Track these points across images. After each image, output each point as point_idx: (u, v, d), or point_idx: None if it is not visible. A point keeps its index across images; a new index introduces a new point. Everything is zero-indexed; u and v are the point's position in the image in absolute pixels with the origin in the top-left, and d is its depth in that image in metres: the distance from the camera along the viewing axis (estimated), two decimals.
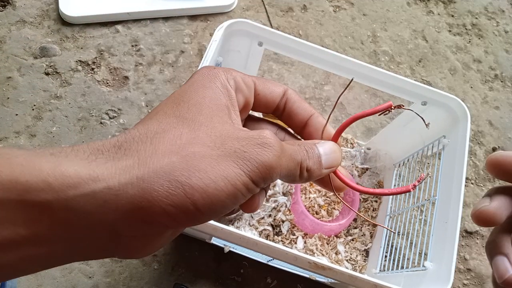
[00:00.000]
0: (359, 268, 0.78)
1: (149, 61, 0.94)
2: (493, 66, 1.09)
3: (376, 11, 1.11)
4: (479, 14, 1.16)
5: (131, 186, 0.18)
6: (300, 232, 0.78)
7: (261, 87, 0.26)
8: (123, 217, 0.18)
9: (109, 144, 0.20)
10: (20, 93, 0.87)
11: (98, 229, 0.19)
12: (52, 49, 0.92)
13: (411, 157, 0.77)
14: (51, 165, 0.18)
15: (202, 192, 0.19)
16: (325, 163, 0.25)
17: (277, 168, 0.21)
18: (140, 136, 0.20)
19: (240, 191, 0.20)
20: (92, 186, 0.18)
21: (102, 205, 0.18)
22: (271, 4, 1.07)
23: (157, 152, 0.20)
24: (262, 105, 0.27)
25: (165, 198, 0.18)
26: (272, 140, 0.22)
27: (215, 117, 0.22)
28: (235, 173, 0.20)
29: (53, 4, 0.96)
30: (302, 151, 0.24)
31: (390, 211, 0.78)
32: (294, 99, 0.27)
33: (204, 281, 0.77)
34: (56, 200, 0.18)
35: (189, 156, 0.20)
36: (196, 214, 0.19)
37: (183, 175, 0.19)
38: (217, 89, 0.23)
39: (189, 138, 0.20)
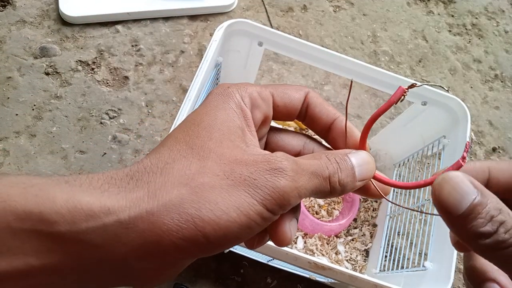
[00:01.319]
0: (359, 268, 0.78)
1: (149, 61, 0.94)
2: (493, 66, 1.09)
3: (376, 11, 1.11)
4: (479, 14, 1.16)
5: (141, 220, 0.18)
6: (300, 232, 0.78)
7: (279, 98, 0.25)
8: (134, 251, 0.18)
9: (122, 173, 0.20)
10: (20, 93, 0.87)
11: (109, 262, 0.19)
12: (52, 49, 0.92)
13: (411, 157, 0.77)
14: (65, 196, 0.18)
15: (213, 224, 0.18)
16: (359, 175, 0.23)
17: (293, 192, 0.20)
18: (152, 167, 0.20)
19: (254, 221, 0.19)
20: (104, 219, 0.18)
21: (113, 239, 0.18)
22: (271, 4, 1.07)
23: (166, 184, 0.19)
24: (283, 115, 0.26)
25: (175, 232, 0.18)
26: (284, 163, 0.20)
27: (225, 141, 0.21)
28: (248, 203, 0.19)
29: (53, 4, 0.96)
30: (332, 164, 0.22)
31: (390, 211, 0.78)
32: (316, 103, 0.26)
33: (204, 281, 0.77)
34: (68, 232, 0.18)
35: (198, 187, 0.19)
36: (208, 247, 0.19)
37: (193, 207, 0.18)
38: (230, 110, 0.23)
39: (198, 168, 0.20)
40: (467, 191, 0.20)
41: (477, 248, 0.21)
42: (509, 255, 0.20)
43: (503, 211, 0.20)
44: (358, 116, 0.96)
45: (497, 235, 0.20)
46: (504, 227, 0.20)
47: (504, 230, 0.20)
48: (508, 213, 0.20)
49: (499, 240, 0.20)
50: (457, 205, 0.20)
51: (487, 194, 0.21)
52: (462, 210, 0.20)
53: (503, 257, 0.20)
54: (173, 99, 0.91)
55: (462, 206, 0.20)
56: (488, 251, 0.20)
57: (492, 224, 0.20)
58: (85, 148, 0.84)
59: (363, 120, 0.96)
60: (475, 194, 0.20)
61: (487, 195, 0.21)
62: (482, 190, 0.21)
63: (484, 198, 0.20)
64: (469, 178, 0.21)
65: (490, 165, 0.24)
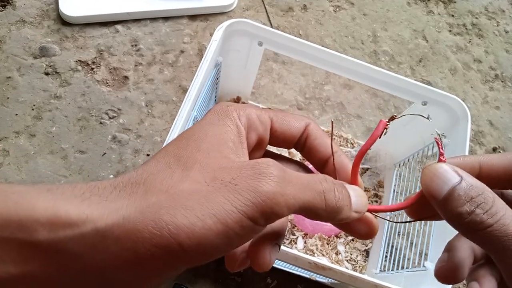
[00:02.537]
0: (359, 268, 0.78)
1: (149, 61, 0.94)
2: (494, 66, 1.09)
3: (376, 11, 1.11)
4: (480, 14, 1.16)
5: (117, 227, 0.18)
6: (300, 232, 0.78)
7: (278, 124, 0.25)
8: (112, 260, 0.18)
9: (106, 183, 0.20)
10: (20, 93, 0.87)
11: (88, 273, 0.18)
12: (51, 49, 0.92)
13: (411, 157, 0.77)
14: (45, 204, 0.18)
15: (188, 232, 0.18)
16: (354, 205, 0.23)
17: (277, 199, 0.19)
18: (136, 177, 0.20)
19: (232, 230, 0.18)
20: (81, 228, 0.18)
21: (90, 248, 0.18)
22: (271, 4, 1.07)
23: (147, 192, 0.19)
24: (280, 141, 0.25)
25: (149, 239, 0.17)
26: (270, 169, 0.19)
27: (213, 152, 0.21)
28: (225, 210, 0.18)
29: (53, 4, 0.96)
30: (327, 183, 0.21)
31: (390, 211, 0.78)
32: (316, 135, 0.26)
33: (204, 281, 0.77)
34: (47, 241, 0.17)
35: (177, 194, 0.19)
36: (184, 256, 0.18)
37: (168, 213, 0.18)
38: (224, 126, 0.22)
39: (180, 176, 0.19)
40: (449, 177, 0.22)
41: (460, 230, 0.22)
42: (489, 236, 0.20)
43: (485, 194, 0.21)
44: (358, 116, 0.96)
45: (475, 215, 0.21)
46: (482, 208, 0.21)
47: (482, 211, 0.21)
48: (491, 197, 0.21)
49: (476, 220, 0.20)
50: (440, 190, 0.22)
51: (470, 179, 0.22)
52: (443, 193, 0.21)
53: (484, 238, 0.21)
54: (173, 99, 0.91)
55: (444, 190, 0.21)
56: (469, 232, 0.21)
57: (471, 205, 0.21)
58: (85, 148, 0.84)
59: (363, 120, 0.96)
60: (457, 179, 0.22)
61: (470, 180, 0.22)
62: (465, 176, 0.22)
63: (466, 182, 0.21)
64: (452, 167, 0.22)
65: (481, 160, 0.25)
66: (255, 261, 0.22)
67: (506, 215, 0.21)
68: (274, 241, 0.23)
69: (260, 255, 0.22)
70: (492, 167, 0.24)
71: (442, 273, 0.25)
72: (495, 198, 0.21)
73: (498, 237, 0.20)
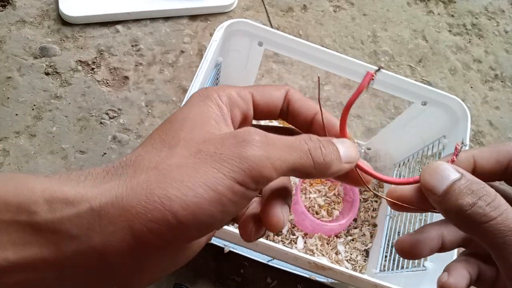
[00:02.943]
0: (359, 268, 0.78)
1: (149, 61, 0.94)
2: (493, 66, 1.09)
3: (376, 11, 1.11)
4: (479, 14, 1.16)
5: (111, 206, 0.18)
6: (300, 232, 0.78)
7: (259, 97, 0.25)
8: (109, 240, 0.18)
9: (99, 169, 0.20)
10: (20, 93, 0.87)
11: (87, 255, 0.18)
12: (52, 49, 0.92)
13: (411, 157, 0.77)
14: (43, 187, 0.18)
15: (180, 202, 0.18)
16: (344, 157, 0.23)
17: (263, 162, 0.19)
18: (126, 161, 0.20)
19: (225, 196, 0.19)
20: (77, 207, 0.18)
21: (87, 228, 0.18)
22: (271, 4, 1.07)
23: (136, 171, 0.19)
24: (265, 113, 0.26)
25: (144, 214, 0.18)
26: (252, 136, 0.20)
27: (197, 129, 0.21)
28: (215, 177, 0.18)
29: (53, 4, 0.96)
30: (312, 141, 0.22)
31: (390, 211, 0.78)
32: (296, 98, 0.26)
33: (204, 281, 0.77)
34: (44, 222, 0.18)
35: (165, 169, 0.19)
36: (180, 228, 0.18)
37: (159, 187, 0.18)
38: (205, 106, 0.23)
39: (166, 154, 0.20)
40: (449, 173, 0.22)
41: (459, 223, 0.22)
42: (490, 230, 0.20)
43: (487, 188, 0.21)
44: (358, 116, 0.96)
45: (477, 206, 0.20)
46: (484, 200, 0.21)
47: (485, 203, 0.20)
48: (492, 191, 0.21)
49: (479, 212, 0.20)
50: (439, 185, 0.22)
51: (470, 176, 0.22)
52: (443, 188, 0.22)
53: (485, 232, 0.20)
54: (173, 99, 0.91)
55: (444, 184, 0.22)
56: (470, 225, 0.21)
57: (472, 196, 0.21)
58: (85, 148, 0.84)
59: (363, 120, 0.96)
60: (457, 175, 0.22)
61: (470, 177, 0.22)
62: (465, 173, 0.22)
63: (466, 178, 0.22)
64: (453, 166, 0.23)
65: (474, 154, 0.25)
66: (269, 221, 0.23)
67: (508, 210, 0.20)
68: (283, 201, 0.24)
69: (272, 214, 0.23)
70: (484, 159, 0.24)
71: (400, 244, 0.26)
72: (496, 193, 0.21)
73: (500, 231, 0.20)
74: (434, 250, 0.26)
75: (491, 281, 0.25)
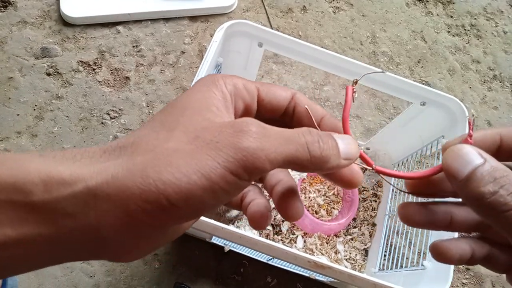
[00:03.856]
0: (358, 267, 0.78)
1: (150, 62, 0.95)
2: (492, 66, 1.09)
3: (375, 12, 1.12)
4: (478, 15, 1.17)
5: (107, 185, 0.18)
6: (300, 232, 0.79)
7: (265, 93, 0.25)
8: (104, 218, 0.19)
9: (96, 148, 0.20)
10: (22, 93, 0.87)
11: (83, 231, 0.19)
12: (53, 50, 0.92)
13: (410, 157, 0.78)
14: (38, 167, 0.18)
15: (174, 186, 0.18)
16: (343, 152, 0.22)
17: (258, 154, 0.19)
18: (124, 142, 0.21)
19: (217, 185, 0.19)
20: (74, 186, 0.18)
21: (83, 206, 0.18)
22: (271, 5, 1.07)
23: (133, 153, 0.20)
24: (268, 110, 0.26)
25: (138, 194, 0.18)
26: (249, 126, 0.20)
27: (196, 116, 0.21)
28: (209, 166, 0.19)
29: (54, 5, 0.97)
30: (311, 135, 0.21)
31: (389, 210, 0.79)
32: (304, 102, 0.26)
33: (205, 280, 0.78)
34: (41, 201, 0.18)
35: (162, 153, 0.19)
36: (173, 210, 0.19)
37: (155, 170, 0.19)
38: (209, 92, 0.23)
39: (165, 137, 0.20)
40: (472, 157, 0.21)
41: (480, 211, 0.21)
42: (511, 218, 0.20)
43: (510, 176, 0.21)
44: (357, 116, 0.97)
45: (498, 195, 0.20)
46: (506, 189, 0.20)
47: (507, 192, 0.20)
48: None
49: (500, 200, 0.20)
50: (462, 169, 0.21)
51: (494, 162, 0.21)
52: (466, 173, 0.21)
53: (506, 220, 0.20)
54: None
55: (467, 169, 0.21)
56: (490, 213, 0.21)
57: (494, 185, 0.20)
58: None
59: (362, 120, 0.96)
60: (480, 160, 0.21)
61: (494, 163, 0.21)
62: (489, 158, 0.22)
63: (489, 164, 0.21)
64: (476, 150, 0.22)
65: (501, 132, 0.24)
66: (290, 214, 0.24)
67: None
68: (296, 193, 0.24)
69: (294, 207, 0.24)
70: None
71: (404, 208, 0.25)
72: None
73: None
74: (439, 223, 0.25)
75: (506, 266, 0.25)
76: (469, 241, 0.25)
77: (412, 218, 0.25)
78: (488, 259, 0.25)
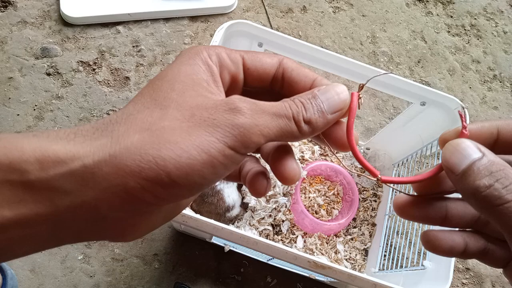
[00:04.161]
0: (358, 267, 0.78)
1: (150, 62, 0.95)
2: (492, 66, 1.09)
3: (375, 12, 1.12)
4: (478, 15, 1.17)
5: (104, 164, 0.19)
6: (300, 232, 0.79)
7: (250, 61, 0.25)
8: (103, 196, 0.19)
9: (88, 126, 0.20)
10: (22, 93, 0.87)
11: (81, 209, 0.19)
12: (53, 50, 0.92)
13: (410, 157, 0.78)
14: (32, 146, 0.18)
15: (174, 162, 0.19)
16: (328, 108, 0.23)
17: (253, 129, 0.20)
18: (117, 119, 0.21)
19: (216, 159, 0.20)
20: (70, 165, 0.18)
21: (80, 184, 0.18)
22: (271, 5, 1.07)
23: (129, 130, 0.20)
24: (255, 79, 0.25)
25: (138, 172, 0.18)
26: (242, 104, 0.21)
27: (188, 91, 0.22)
28: (208, 141, 0.19)
29: (54, 5, 0.97)
30: (294, 104, 0.22)
31: (389, 210, 0.79)
32: (292, 66, 0.25)
33: (205, 280, 0.78)
34: (38, 180, 0.18)
35: (159, 130, 0.20)
36: (173, 186, 0.19)
37: (153, 148, 0.19)
38: (195, 65, 0.23)
39: (159, 115, 0.20)
40: (470, 152, 0.22)
41: (476, 205, 0.21)
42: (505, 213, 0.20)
43: (506, 170, 0.21)
44: (357, 116, 0.97)
45: (493, 188, 0.20)
46: (501, 183, 0.20)
47: (502, 186, 0.20)
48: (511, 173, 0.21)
49: (494, 194, 0.20)
50: (459, 163, 0.22)
51: (492, 156, 0.21)
52: (463, 167, 0.21)
53: (500, 214, 0.20)
54: None
55: (464, 163, 0.21)
56: (485, 206, 0.21)
57: (490, 179, 0.20)
58: None
59: (362, 120, 0.96)
60: (478, 154, 0.21)
61: (492, 157, 0.21)
62: (487, 152, 0.22)
63: (487, 158, 0.21)
64: (475, 143, 0.22)
65: (499, 125, 0.24)
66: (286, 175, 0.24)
67: None
68: (292, 155, 0.25)
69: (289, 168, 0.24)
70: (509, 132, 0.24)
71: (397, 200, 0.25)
72: None
73: None
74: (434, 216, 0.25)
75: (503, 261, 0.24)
76: (463, 234, 0.25)
77: (406, 210, 0.25)
78: (484, 253, 0.24)
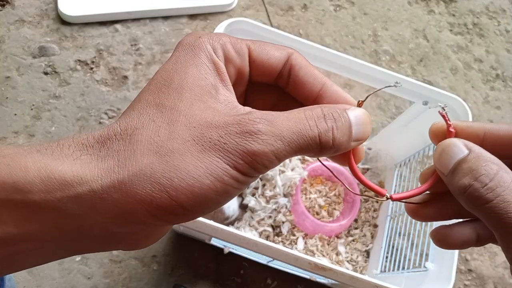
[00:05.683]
0: (360, 269, 0.77)
1: (149, 61, 0.94)
2: (495, 65, 1.08)
3: (377, 10, 1.11)
4: (480, 13, 1.16)
5: (114, 190, 0.18)
6: (301, 233, 0.78)
7: (257, 53, 0.23)
8: (113, 220, 0.18)
9: (93, 139, 0.19)
10: (19, 92, 0.87)
11: (89, 230, 0.18)
12: (51, 49, 0.92)
13: (412, 157, 0.77)
14: (37, 166, 0.18)
15: (187, 193, 0.18)
16: (355, 135, 0.21)
17: (267, 155, 0.19)
18: (121, 133, 0.19)
19: (230, 185, 0.19)
20: (77, 188, 0.18)
21: (89, 208, 0.18)
22: (271, 3, 1.06)
23: (135, 152, 0.19)
24: (259, 73, 0.23)
25: (149, 201, 0.18)
26: (258, 126, 0.19)
27: (196, 102, 0.20)
28: (220, 168, 0.18)
29: (52, 4, 0.96)
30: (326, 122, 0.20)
31: (391, 211, 0.78)
32: (301, 64, 0.23)
33: (204, 282, 0.77)
34: (44, 202, 0.17)
35: (168, 155, 0.19)
36: (186, 213, 0.19)
37: (164, 176, 0.18)
38: (202, 65, 0.21)
39: (166, 134, 0.19)
40: (456, 151, 0.21)
41: (463, 204, 0.21)
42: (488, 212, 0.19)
43: (488, 166, 0.20)
44: None
45: (473, 188, 0.20)
46: (481, 181, 0.19)
47: (481, 185, 0.19)
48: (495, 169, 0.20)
49: (474, 194, 0.19)
50: (447, 165, 0.21)
51: (478, 149, 0.21)
52: (450, 167, 0.21)
53: (484, 214, 0.19)
54: None
55: (451, 164, 0.21)
56: (470, 207, 0.20)
57: (470, 178, 0.20)
58: None
59: None
60: (465, 152, 0.21)
61: (478, 151, 0.21)
62: (472, 147, 0.21)
63: (471, 155, 0.21)
64: (461, 141, 0.22)
65: (486, 128, 0.23)
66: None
67: (507, 190, 0.19)
68: None
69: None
70: (497, 136, 0.23)
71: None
72: (499, 171, 0.20)
73: (498, 214, 0.19)
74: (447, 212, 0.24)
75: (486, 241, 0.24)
76: (474, 224, 0.24)
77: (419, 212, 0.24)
78: None
